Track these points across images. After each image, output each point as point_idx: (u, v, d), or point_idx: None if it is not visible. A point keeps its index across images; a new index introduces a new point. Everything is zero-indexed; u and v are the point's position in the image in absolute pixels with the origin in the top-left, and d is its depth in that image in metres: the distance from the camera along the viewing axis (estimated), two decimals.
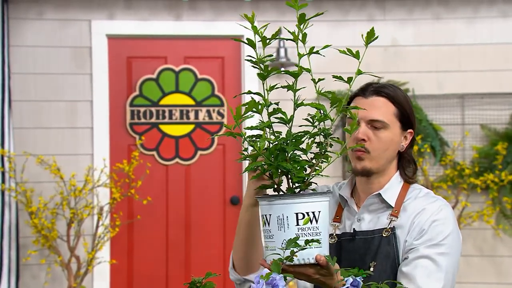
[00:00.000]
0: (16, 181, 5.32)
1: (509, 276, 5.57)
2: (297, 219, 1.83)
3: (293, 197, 1.85)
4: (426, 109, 5.65)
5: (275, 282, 1.74)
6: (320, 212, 1.85)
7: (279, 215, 1.85)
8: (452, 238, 2.27)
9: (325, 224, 1.88)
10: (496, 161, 5.50)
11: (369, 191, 2.37)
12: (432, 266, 2.21)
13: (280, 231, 1.84)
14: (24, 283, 5.42)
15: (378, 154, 2.31)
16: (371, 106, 2.30)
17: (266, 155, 1.90)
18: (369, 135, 2.29)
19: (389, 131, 2.31)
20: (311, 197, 1.85)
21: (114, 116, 5.67)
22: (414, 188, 2.40)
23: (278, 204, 1.85)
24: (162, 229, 5.68)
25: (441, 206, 2.31)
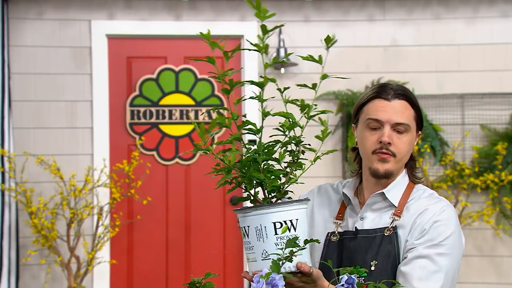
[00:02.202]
0: (16, 181, 5.32)
1: (509, 276, 5.57)
2: (275, 228, 1.83)
3: (269, 206, 1.86)
4: (426, 109, 5.65)
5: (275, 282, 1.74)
6: (298, 220, 1.85)
7: (257, 225, 1.85)
8: (453, 239, 2.27)
9: (304, 231, 1.88)
10: (496, 161, 5.49)
11: (376, 190, 2.37)
12: (431, 266, 2.21)
13: (259, 242, 1.85)
14: (24, 283, 5.42)
15: (402, 157, 2.33)
16: (395, 109, 2.31)
17: (239, 167, 1.90)
18: (393, 138, 2.30)
19: (410, 134, 2.33)
20: (287, 205, 1.86)
21: (114, 116, 5.67)
22: (418, 189, 2.40)
23: (255, 215, 1.86)
24: (162, 229, 5.68)
25: (444, 207, 2.32)
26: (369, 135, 2.33)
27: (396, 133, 2.31)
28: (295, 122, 1.97)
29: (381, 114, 2.30)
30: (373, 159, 2.32)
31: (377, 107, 2.31)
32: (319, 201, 2.49)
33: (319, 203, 2.48)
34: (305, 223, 1.89)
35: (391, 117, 2.30)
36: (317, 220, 2.44)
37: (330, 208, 2.45)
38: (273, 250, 1.84)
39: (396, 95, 2.32)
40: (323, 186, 2.54)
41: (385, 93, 2.33)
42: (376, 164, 2.32)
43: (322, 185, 2.55)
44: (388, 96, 2.32)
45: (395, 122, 2.30)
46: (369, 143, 2.32)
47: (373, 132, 2.32)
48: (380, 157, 2.31)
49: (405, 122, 2.31)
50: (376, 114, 2.31)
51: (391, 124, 2.30)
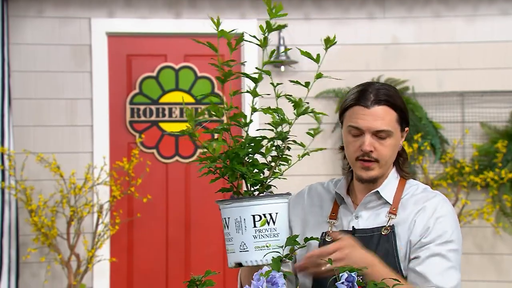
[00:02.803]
0: (16, 179, 5.32)
1: (509, 274, 5.57)
2: (254, 221, 1.85)
3: (250, 199, 1.87)
4: (426, 107, 5.65)
5: (275, 280, 1.75)
6: (277, 214, 1.86)
7: (236, 217, 1.87)
8: (457, 233, 2.30)
9: (283, 225, 1.89)
10: (496, 159, 5.50)
11: (367, 190, 2.38)
12: (446, 263, 2.23)
13: (238, 233, 1.87)
14: (24, 281, 5.42)
15: (385, 161, 2.33)
16: (375, 116, 2.29)
17: (222, 158, 1.92)
18: (375, 145, 2.29)
19: (393, 138, 2.32)
20: (267, 199, 1.87)
21: (114, 114, 5.67)
22: (411, 184, 2.41)
23: (236, 206, 1.88)
24: (162, 227, 5.68)
25: (441, 201, 2.33)
26: (351, 141, 2.33)
27: (377, 139, 2.30)
28: (284, 118, 1.97)
29: (360, 122, 2.28)
30: (357, 166, 2.33)
31: (357, 115, 2.30)
32: (310, 201, 2.48)
33: (311, 203, 2.48)
34: (285, 218, 1.90)
35: (371, 125, 2.28)
36: (310, 220, 2.43)
37: (323, 207, 2.44)
38: (251, 242, 1.86)
39: (376, 101, 2.29)
40: (314, 185, 2.54)
41: (365, 99, 2.29)
42: (359, 172, 2.32)
43: (312, 184, 2.55)
44: (368, 103, 2.29)
45: (375, 129, 2.29)
46: (351, 149, 2.32)
47: (355, 138, 2.32)
48: (364, 165, 2.31)
49: (386, 129, 2.29)
50: (356, 122, 2.29)
51: (372, 132, 2.29)
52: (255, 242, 1.85)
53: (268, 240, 1.84)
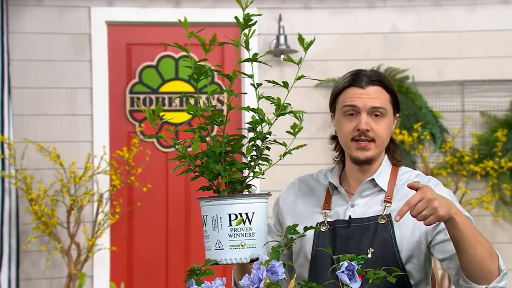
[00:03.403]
0: (16, 168, 5.33)
1: (508, 262, 5.57)
2: (230, 219, 1.86)
3: (226, 198, 1.89)
4: (426, 96, 5.65)
5: (275, 269, 1.75)
6: (254, 214, 1.87)
7: (213, 215, 1.89)
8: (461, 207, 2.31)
9: (260, 225, 1.89)
10: (496, 148, 5.50)
11: (361, 178, 2.38)
12: None
13: (215, 232, 1.89)
14: (24, 269, 5.44)
15: (382, 141, 2.35)
16: (371, 95, 2.33)
17: (200, 156, 1.94)
18: (371, 124, 2.31)
19: (387, 118, 2.34)
20: (244, 198, 1.89)
21: (113, 103, 5.67)
22: (403, 171, 2.42)
23: (213, 205, 1.90)
24: (162, 216, 5.69)
25: (436, 185, 2.35)
26: (346, 122, 2.34)
27: (373, 118, 2.32)
28: (263, 118, 1.97)
29: (356, 101, 2.32)
30: (352, 146, 2.33)
31: (352, 95, 2.33)
32: (301, 193, 2.48)
33: (302, 195, 2.48)
34: (262, 217, 1.91)
35: (367, 103, 2.32)
36: (302, 212, 2.43)
37: (314, 198, 2.44)
38: (227, 241, 1.88)
39: (370, 81, 2.34)
40: (303, 177, 2.54)
41: (359, 80, 2.34)
42: (355, 152, 2.33)
43: (301, 177, 2.55)
44: (362, 84, 2.33)
45: (372, 106, 2.31)
46: (346, 130, 2.33)
47: (350, 118, 2.33)
48: (360, 146, 2.32)
49: (382, 106, 2.33)
50: (352, 101, 2.32)
51: (368, 110, 2.31)
52: (230, 241, 1.86)
53: (243, 239, 1.86)
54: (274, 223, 2.52)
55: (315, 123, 5.56)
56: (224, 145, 1.95)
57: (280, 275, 1.76)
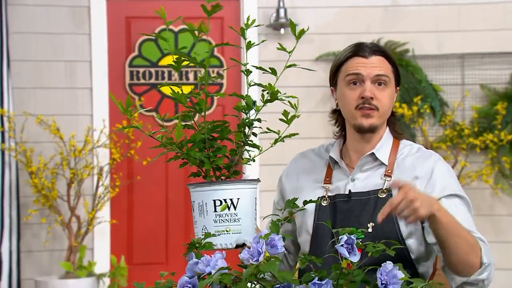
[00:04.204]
0: (15, 141, 5.33)
1: (507, 235, 5.61)
2: (215, 205, 1.87)
3: (210, 184, 1.91)
4: (426, 69, 5.64)
5: (274, 243, 1.76)
6: (239, 199, 1.88)
7: (199, 201, 1.91)
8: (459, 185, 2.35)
9: (246, 211, 1.90)
10: (496, 121, 5.50)
11: (362, 150, 2.39)
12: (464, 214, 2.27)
13: (201, 217, 1.91)
14: (25, 242, 5.46)
15: (385, 110, 2.36)
16: (374, 64, 2.34)
17: (184, 143, 1.95)
18: (375, 93, 2.32)
19: (390, 87, 2.36)
20: (229, 184, 1.90)
21: (113, 77, 5.66)
22: (405, 145, 2.43)
23: (198, 191, 1.92)
24: (161, 190, 5.70)
25: (437, 161, 2.36)
26: (350, 91, 2.35)
27: (377, 87, 2.33)
28: (249, 104, 1.97)
29: (361, 69, 2.33)
30: (357, 114, 2.34)
31: (356, 64, 2.34)
32: (303, 168, 2.49)
33: (303, 170, 2.48)
34: (249, 203, 1.91)
35: (371, 71, 2.33)
36: (304, 187, 2.44)
37: (315, 173, 2.45)
38: (212, 226, 1.89)
39: (372, 51, 2.36)
40: (305, 152, 2.55)
41: (362, 50, 2.36)
42: (360, 120, 2.34)
43: (303, 151, 2.56)
44: (365, 53, 2.35)
45: (376, 74, 2.33)
46: (350, 99, 2.34)
47: (353, 87, 2.34)
48: (364, 113, 2.33)
49: (385, 74, 2.35)
50: (357, 69, 2.34)
51: (372, 78, 2.33)
52: (216, 226, 1.87)
53: (228, 224, 1.87)
54: (278, 199, 2.53)
55: (314, 97, 5.55)
56: (208, 132, 1.95)
57: (279, 249, 1.76)
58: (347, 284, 1.76)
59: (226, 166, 1.97)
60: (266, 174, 5.40)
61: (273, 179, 3.22)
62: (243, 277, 1.70)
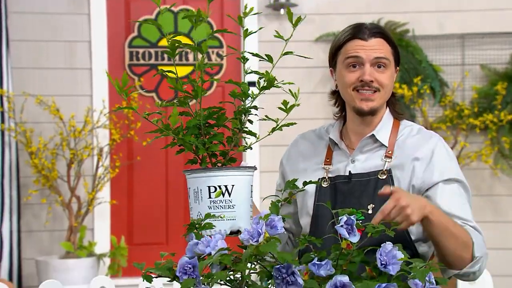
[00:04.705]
0: (15, 121, 5.33)
1: (506, 215, 5.62)
2: (210, 192, 1.88)
3: (205, 171, 1.91)
4: (426, 49, 5.62)
5: (274, 223, 1.76)
6: (233, 186, 1.89)
7: (194, 188, 1.92)
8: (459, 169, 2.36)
9: (241, 197, 1.90)
10: (496, 101, 5.50)
11: (362, 132, 2.39)
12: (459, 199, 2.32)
13: (196, 204, 1.91)
14: (25, 222, 5.47)
15: (385, 92, 2.36)
16: (374, 46, 2.34)
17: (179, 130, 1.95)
18: (374, 75, 2.32)
19: (389, 69, 2.35)
20: (224, 171, 1.90)
21: (112, 57, 5.64)
22: (405, 125, 2.42)
23: (194, 177, 1.93)
24: (161, 170, 5.70)
25: (437, 142, 2.36)
26: (349, 73, 2.34)
27: (376, 69, 2.32)
28: (245, 92, 1.97)
29: (360, 52, 2.33)
30: (356, 97, 2.34)
31: (356, 47, 2.34)
32: (304, 150, 2.49)
33: (304, 152, 2.49)
34: (244, 190, 1.92)
35: (370, 54, 2.33)
36: (304, 168, 2.44)
37: (316, 154, 2.45)
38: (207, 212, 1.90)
39: (372, 34, 2.35)
40: (306, 134, 2.55)
41: (361, 33, 2.35)
42: (359, 103, 2.34)
43: (304, 133, 2.56)
44: (365, 36, 2.34)
45: (375, 57, 2.32)
46: (349, 81, 2.34)
47: (353, 70, 2.34)
48: (364, 96, 2.32)
49: (385, 56, 2.34)
50: (356, 52, 2.33)
51: (371, 61, 2.32)
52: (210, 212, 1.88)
53: (222, 211, 1.87)
54: (280, 182, 2.54)
55: (314, 78, 5.55)
56: (204, 118, 1.95)
57: (279, 230, 1.77)
58: (346, 265, 1.77)
59: (222, 153, 1.97)
60: (267, 155, 5.41)
61: (273, 160, 3.23)
62: (243, 258, 1.71)
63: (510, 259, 5.53)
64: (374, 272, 1.76)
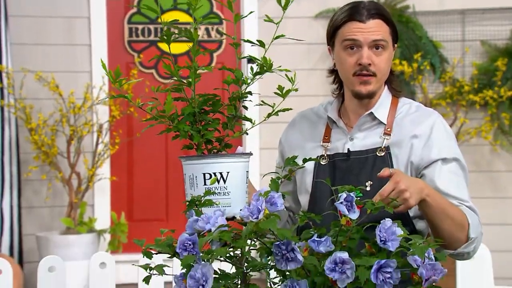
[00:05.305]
0: (15, 97, 5.32)
1: (505, 191, 5.64)
2: (205, 179, 1.88)
3: (201, 157, 1.92)
4: (426, 25, 5.61)
5: (274, 200, 1.77)
6: (228, 173, 1.89)
7: (190, 174, 1.93)
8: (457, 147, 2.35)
9: (237, 184, 1.90)
10: (496, 77, 5.49)
11: (360, 110, 2.38)
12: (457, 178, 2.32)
13: (192, 190, 1.93)
14: (26, 197, 5.49)
15: (382, 75, 2.34)
16: (372, 29, 2.31)
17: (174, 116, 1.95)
18: (372, 58, 2.30)
19: (388, 51, 2.33)
20: (218, 158, 1.90)
21: (112, 34, 5.63)
22: (403, 103, 2.42)
23: (189, 164, 1.93)
24: (161, 147, 5.71)
25: (436, 120, 2.35)
26: (347, 57, 2.32)
27: (374, 52, 2.31)
28: (239, 78, 1.96)
29: (358, 35, 2.30)
30: (355, 81, 2.32)
31: (353, 29, 2.31)
32: (303, 128, 2.49)
33: (302, 130, 2.48)
34: (240, 177, 1.92)
35: (368, 37, 2.30)
36: (303, 146, 2.44)
37: (315, 132, 2.45)
38: None
39: (370, 15, 2.31)
40: (305, 112, 2.54)
41: (359, 14, 2.31)
42: (358, 87, 2.32)
43: (303, 111, 2.55)
44: (362, 17, 2.31)
45: (373, 39, 2.30)
46: (348, 65, 2.32)
47: (350, 53, 2.32)
48: (362, 80, 2.31)
49: (383, 39, 2.31)
50: (354, 35, 2.30)
51: (369, 44, 2.30)
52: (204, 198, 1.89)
53: (217, 198, 1.88)
54: (279, 161, 2.54)
55: (314, 54, 5.53)
56: (199, 105, 1.95)
57: (279, 206, 1.77)
58: (346, 241, 1.77)
59: (217, 139, 1.97)
60: (266, 132, 5.41)
61: (273, 137, 3.22)
62: (243, 235, 1.71)
63: (508, 234, 5.55)
64: (374, 248, 1.77)
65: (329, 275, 1.67)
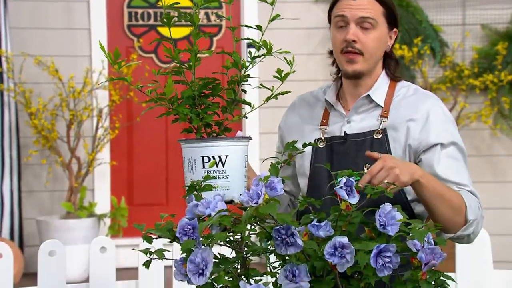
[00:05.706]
0: (14, 82, 5.32)
1: (505, 175, 5.64)
2: (203, 162, 1.89)
3: (199, 141, 1.92)
4: (426, 9, 5.59)
5: (273, 185, 1.77)
6: (227, 156, 1.89)
7: (189, 158, 1.93)
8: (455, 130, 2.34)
9: (235, 168, 1.91)
10: (496, 61, 5.48)
11: (357, 93, 2.38)
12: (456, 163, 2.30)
13: (190, 173, 1.93)
14: (26, 182, 5.49)
15: (370, 55, 2.31)
16: (361, 5, 2.30)
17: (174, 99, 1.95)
18: (359, 36, 2.29)
19: (378, 30, 2.31)
20: (216, 141, 1.91)
21: (111, 18, 5.61)
22: (402, 86, 2.41)
23: (188, 147, 1.93)
24: (161, 132, 5.71)
25: (433, 103, 2.34)
26: (336, 34, 2.33)
27: (362, 30, 2.30)
28: (238, 62, 1.96)
29: (346, 11, 2.30)
30: (342, 60, 2.32)
31: (344, 5, 2.31)
32: (302, 111, 2.49)
33: (301, 113, 2.48)
34: (238, 160, 1.92)
35: (355, 13, 2.29)
36: (301, 129, 2.44)
37: (313, 116, 2.45)
38: None
39: None
40: (304, 95, 2.54)
41: None
42: (344, 65, 2.32)
43: (302, 94, 2.55)
44: None
45: (360, 16, 2.28)
46: (336, 42, 2.32)
47: (340, 30, 2.32)
48: (348, 58, 2.30)
49: (371, 16, 2.29)
50: (342, 11, 2.30)
51: (356, 20, 2.29)
52: (204, 183, 1.89)
53: (216, 181, 1.88)
54: (279, 145, 2.54)
55: (314, 39, 5.52)
56: (199, 88, 1.95)
57: (279, 191, 1.77)
58: (345, 226, 1.77)
59: (217, 123, 1.98)
60: (266, 116, 5.41)
61: (273, 121, 3.22)
62: (243, 219, 1.71)
63: (508, 218, 5.57)
64: (373, 233, 1.77)
65: (328, 260, 1.67)
